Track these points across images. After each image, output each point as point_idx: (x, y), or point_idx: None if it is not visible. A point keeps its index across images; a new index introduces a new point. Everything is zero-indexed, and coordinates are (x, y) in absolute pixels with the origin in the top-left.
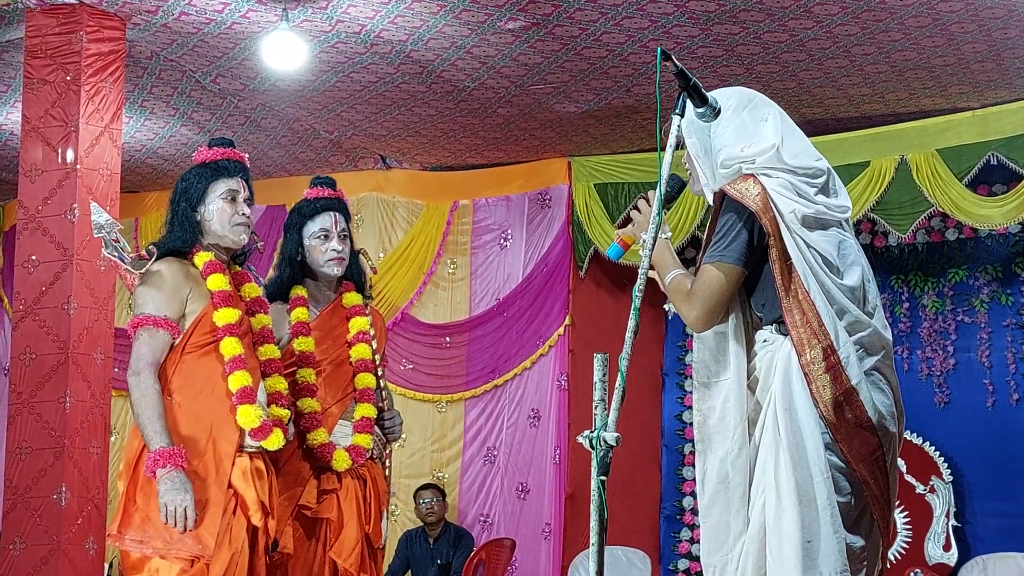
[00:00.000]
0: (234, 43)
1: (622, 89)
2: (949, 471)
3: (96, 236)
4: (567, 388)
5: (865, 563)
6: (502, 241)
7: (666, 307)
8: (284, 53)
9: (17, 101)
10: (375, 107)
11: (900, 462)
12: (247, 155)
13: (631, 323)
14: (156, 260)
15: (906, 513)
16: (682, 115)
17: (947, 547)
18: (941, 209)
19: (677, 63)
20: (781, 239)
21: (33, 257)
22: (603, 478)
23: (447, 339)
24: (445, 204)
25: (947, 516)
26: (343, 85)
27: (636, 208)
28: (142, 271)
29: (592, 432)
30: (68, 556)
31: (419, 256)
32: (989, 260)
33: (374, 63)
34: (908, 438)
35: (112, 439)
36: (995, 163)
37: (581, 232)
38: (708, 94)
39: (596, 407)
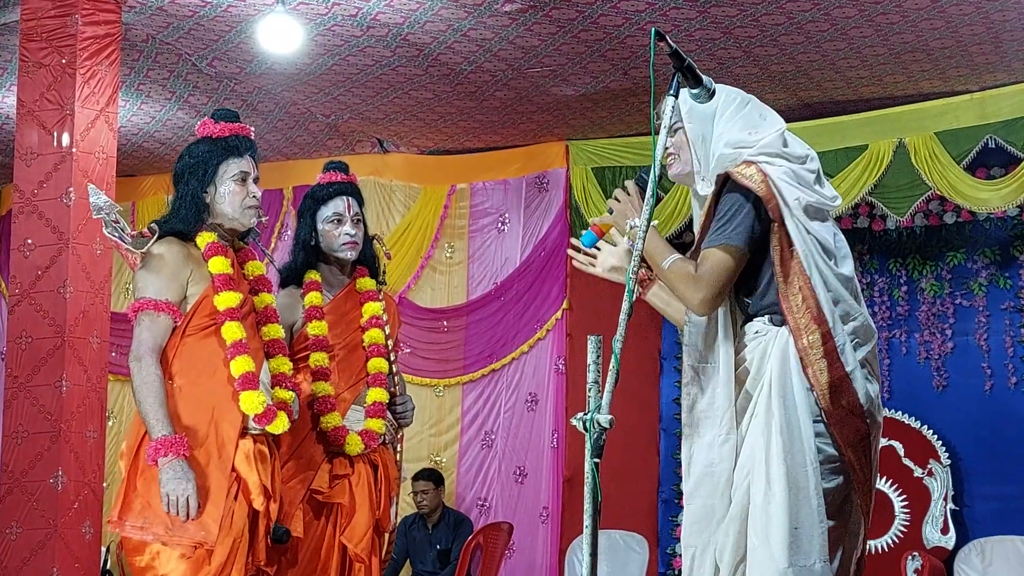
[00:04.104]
0: (230, 26)
1: (619, 72)
2: (947, 454)
3: (95, 217)
4: (565, 372)
5: (841, 546)
6: (500, 225)
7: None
8: (280, 36)
9: (12, 85)
10: (372, 90)
11: (898, 445)
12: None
13: (625, 305)
14: (157, 240)
15: (904, 497)
16: (676, 96)
17: (945, 530)
18: (939, 192)
19: (671, 43)
20: (784, 225)
21: (29, 241)
22: (596, 460)
23: (444, 323)
24: (442, 188)
25: (945, 499)
26: (340, 68)
27: (615, 198)
28: (143, 250)
29: (585, 414)
30: (65, 540)
31: (416, 240)
32: (987, 243)
33: (370, 46)
34: (906, 421)
35: (109, 424)
36: (993, 146)
37: (579, 216)
38: (703, 75)
39: (590, 389)
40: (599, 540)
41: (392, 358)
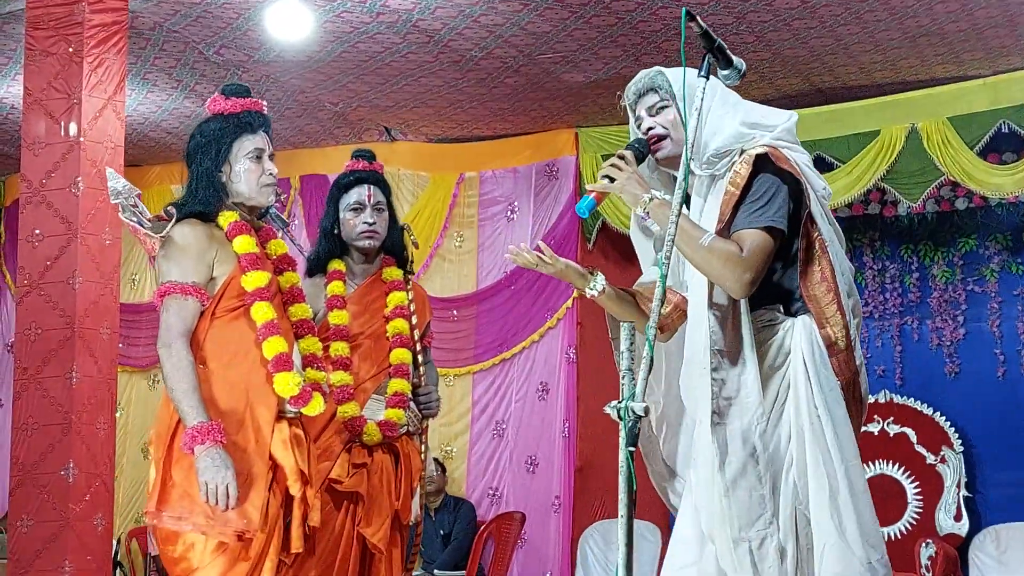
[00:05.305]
0: (238, 13)
1: (631, 58)
2: (960, 441)
3: (113, 202)
4: (576, 361)
5: None
6: (509, 213)
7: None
8: (289, 23)
9: (17, 74)
10: (381, 78)
11: (910, 432)
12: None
13: (657, 291)
14: (177, 223)
15: (917, 483)
16: (707, 78)
17: (958, 517)
18: (952, 178)
19: (702, 24)
20: (812, 213)
21: (37, 231)
22: (631, 449)
23: (454, 313)
24: (451, 176)
25: (958, 486)
26: (348, 55)
27: (615, 166)
28: (162, 234)
29: (619, 402)
30: (76, 532)
31: (425, 229)
32: (999, 229)
33: (380, 32)
34: (918, 408)
35: (117, 415)
36: (1006, 131)
37: None
38: (733, 56)
39: (624, 377)
40: (613, 529)
41: (419, 348)
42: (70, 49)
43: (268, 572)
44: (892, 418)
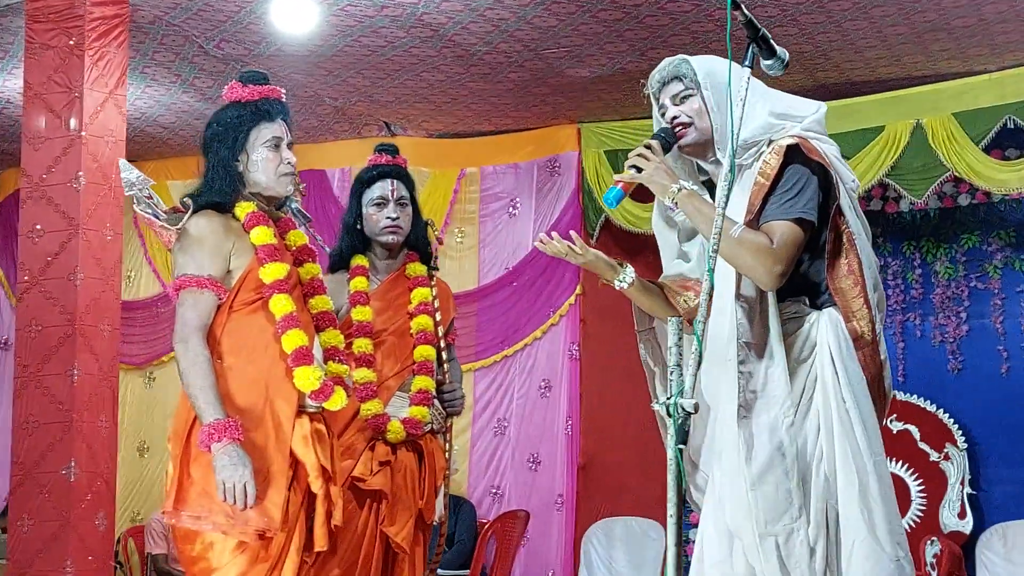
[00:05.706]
0: (240, 6)
1: (637, 53)
2: (963, 438)
3: (127, 194)
4: (578, 358)
5: None
6: (511, 209)
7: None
8: (293, 17)
9: (14, 68)
10: (383, 72)
11: (914, 429)
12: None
13: (706, 285)
14: (193, 214)
15: (920, 481)
16: (751, 67)
17: (962, 515)
18: (957, 174)
19: (747, 12)
20: (841, 205)
21: (38, 227)
22: (681, 447)
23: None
24: (452, 172)
25: (962, 484)
26: (351, 50)
27: (642, 156)
28: (179, 226)
29: (668, 399)
30: (78, 532)
31: None
32: (1002, 225)
33: (384, 27)
34: (922, 405)
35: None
36: (1011, 127)
37: (591, 199)
38: (777, 46)
39: (672, 373)
40: (616, 527)
41: (443, 345)
42: (71, 42)
43: (289, 571)
44: (895, 415)
